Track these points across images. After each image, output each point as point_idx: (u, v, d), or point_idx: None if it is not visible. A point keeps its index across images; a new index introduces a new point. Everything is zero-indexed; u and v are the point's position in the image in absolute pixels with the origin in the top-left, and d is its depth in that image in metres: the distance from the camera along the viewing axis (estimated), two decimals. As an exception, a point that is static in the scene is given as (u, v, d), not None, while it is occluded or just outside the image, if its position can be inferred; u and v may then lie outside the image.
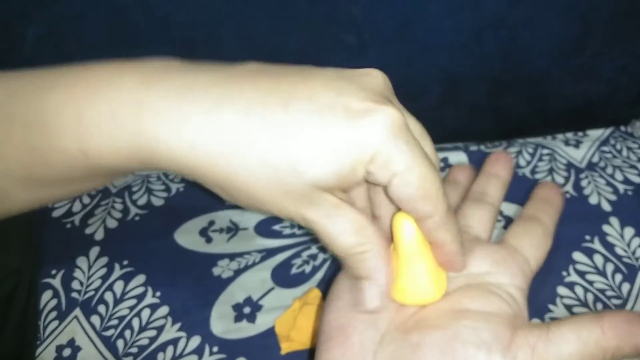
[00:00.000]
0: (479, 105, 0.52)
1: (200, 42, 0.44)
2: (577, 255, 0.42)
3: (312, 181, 0.22)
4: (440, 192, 0.24)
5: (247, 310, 0.40)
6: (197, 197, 0.47)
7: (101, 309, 0.40)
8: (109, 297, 0.41)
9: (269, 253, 0.43)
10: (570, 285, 0.40)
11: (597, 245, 0.42)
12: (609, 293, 0.40)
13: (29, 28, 0.42)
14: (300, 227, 0.45)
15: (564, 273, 0.41)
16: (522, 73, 0.49)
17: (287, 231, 0.45)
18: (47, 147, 0.23)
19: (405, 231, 0.26)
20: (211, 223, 0.46)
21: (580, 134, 0.51)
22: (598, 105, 0.53)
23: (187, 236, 0.45)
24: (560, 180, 0.47)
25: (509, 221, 0.44)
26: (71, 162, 0.24)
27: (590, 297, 0.40)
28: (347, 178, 0.23)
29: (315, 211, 0.23)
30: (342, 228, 0.24)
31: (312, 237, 0.44)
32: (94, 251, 0.44)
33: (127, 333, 0.39)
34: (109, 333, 0.39)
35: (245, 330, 0.39)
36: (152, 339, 0.39)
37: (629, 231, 0.43)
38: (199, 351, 0.38)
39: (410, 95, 0.27)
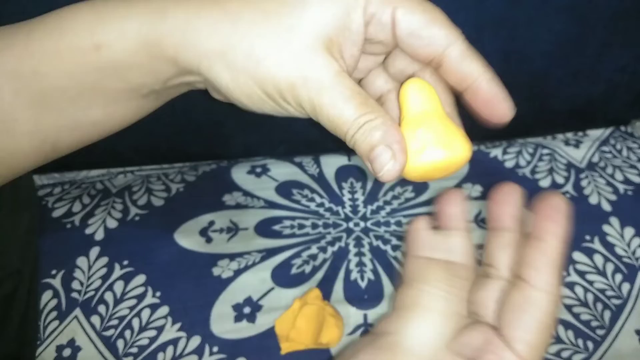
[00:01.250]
0: (479, 105, 0.52)
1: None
2: (577, 255, 0.42)
3: (309, 29, 0.22)
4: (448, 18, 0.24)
5: (247, 310, 0.40)
6: (197, 197, 0.47)
7: (101, 309, 0.40)
8: (109, 297, 0.41)
9: (269, 253, 0.43)
10: (570, 285, 0.40)
11: (597, 245, 0.42)
12: (609, 293, 0.40)
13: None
14: (300, 227, 0.45)
15: (564, 273, 0.41)
16: (522, 73, 0.49)
17: (287, 231, 0.45)
18: (59, 46, 0.24)
19: (416, 90, 0.24)
20: (211, 223, 0.46)
21: (580, 134, 0.51)
22: (598, 105, 0.53)
23: (187, 236, 0.45)
24: (560, 180, 0.47)
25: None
26: (82, 60, 0.24)
27: (590, 297, 0.40)
28: (343, 25, 0.23)
29: (311, 84, 0.22)
30: (344, 96, 0.22)
31: (312, 238, 0.44)
32: (94, 251, 0.44)
33: (127, 333, 0.39)
34: (109, 333, 0.39)
35: (245, 330, 0.39)
36: (152, 339, 0.39)
37: (629, 231, 0.43)
38: (199, 351, 0.38)
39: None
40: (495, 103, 0.24)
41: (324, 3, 0.23)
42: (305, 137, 0.49)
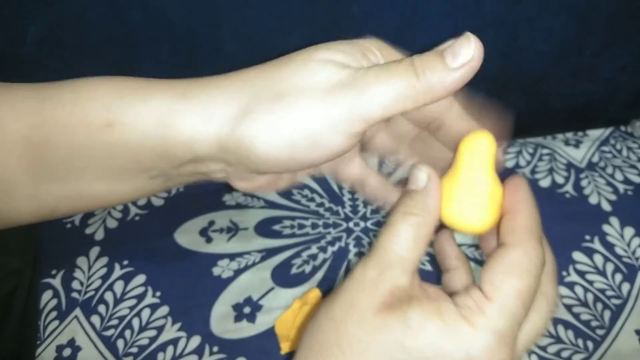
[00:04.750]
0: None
1: (200, 42, 0.44)
2: (577, 255, 0.42)
3: (329, 68, 0.23)
4: None
5: (247, 310, 0.40)
6: (197, 197, 0.47)
7: (101, 308, 0.40)
8: (109, 297, 0.41)
9: (269, 253, 0.43)
10: (570, 285, 0.40)
11: (597, 245, 0.42)
12: (609, 293, 0.40)
13: (29, 28, 0.42)
14: (300, 227, 0.45)
15: (564, 273, 0.41)
16: (522, 73, 0.49)
17: (287, 231, 0.45)
18: (72, 119, 0.24)
19: (487, 145, 0.26)
20: (211, 223, 0.46)
21: (580, 133, 0.51)
22: (598, 105, 0.53)
23: (187, 236, 0.45)
24: (560, 180, 0.47)
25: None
26: (92, 136, 0.24)
27: (590, 296, 0.40)
28: (360, 56, 0.24)
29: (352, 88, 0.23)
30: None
31: (312, 238, 0.44)
32: (94, 251, 0.44)
33: (127, 333, 0.39)
34: (109, 333, 0.39)
35: (245, 330, 0.39)
36: (152, 339, 0.39)
37: (629, 231, 0.43)
38: (199, 351, 0.38)
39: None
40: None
41: (337, 45, 0.24)
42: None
